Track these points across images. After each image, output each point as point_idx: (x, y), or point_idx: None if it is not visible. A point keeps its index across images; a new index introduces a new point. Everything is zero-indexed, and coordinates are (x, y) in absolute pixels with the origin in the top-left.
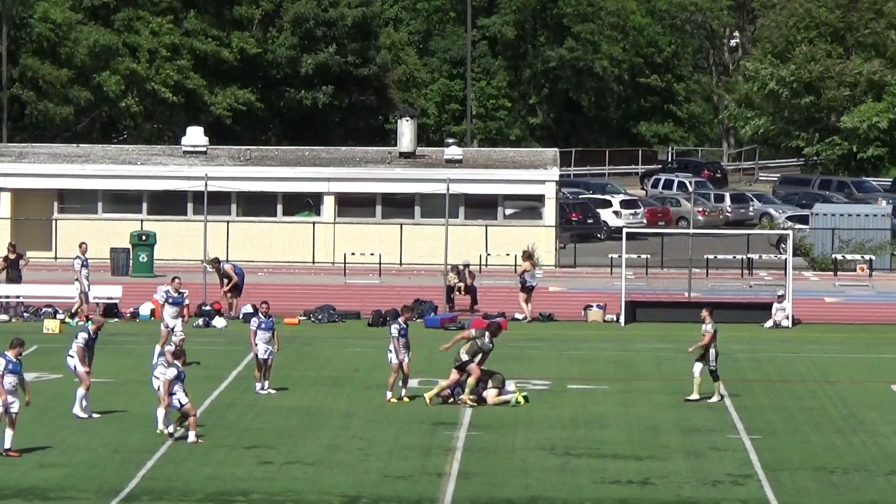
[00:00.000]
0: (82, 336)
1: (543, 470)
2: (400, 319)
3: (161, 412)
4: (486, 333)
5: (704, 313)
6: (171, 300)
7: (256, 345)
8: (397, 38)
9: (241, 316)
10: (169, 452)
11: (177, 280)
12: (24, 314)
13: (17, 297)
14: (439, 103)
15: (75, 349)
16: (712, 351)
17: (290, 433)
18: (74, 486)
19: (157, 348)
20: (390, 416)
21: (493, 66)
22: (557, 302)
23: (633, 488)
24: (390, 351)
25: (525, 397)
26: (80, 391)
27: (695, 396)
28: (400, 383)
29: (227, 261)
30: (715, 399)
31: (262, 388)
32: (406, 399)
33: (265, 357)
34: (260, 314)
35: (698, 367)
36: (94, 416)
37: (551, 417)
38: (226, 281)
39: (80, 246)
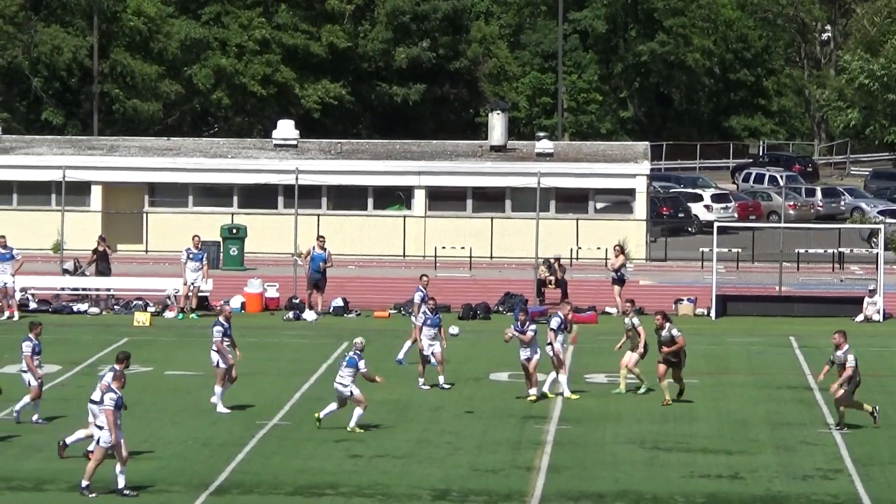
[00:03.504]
0: (217, 329)
1: (632, 464)
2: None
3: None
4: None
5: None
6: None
7: (421, 340)
8: (488, 32)
9: (331, 310)
10: (258, 446)
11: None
12: (115, 307)
13: (108, 289)
14: (530, 97)
15: (216, 344)
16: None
17: (379, 427)
18: (164, 479)
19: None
20: (480, 410)
21: (584, 60)
22: (648, 295)
23: (723, 482)
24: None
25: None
26: (218, 388)
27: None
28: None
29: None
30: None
31: (424, 384)
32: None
33: (428, 353)
34: (427, 310)
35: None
36: (224, 411)
37: (641, 411)
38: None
39: (193, 238)
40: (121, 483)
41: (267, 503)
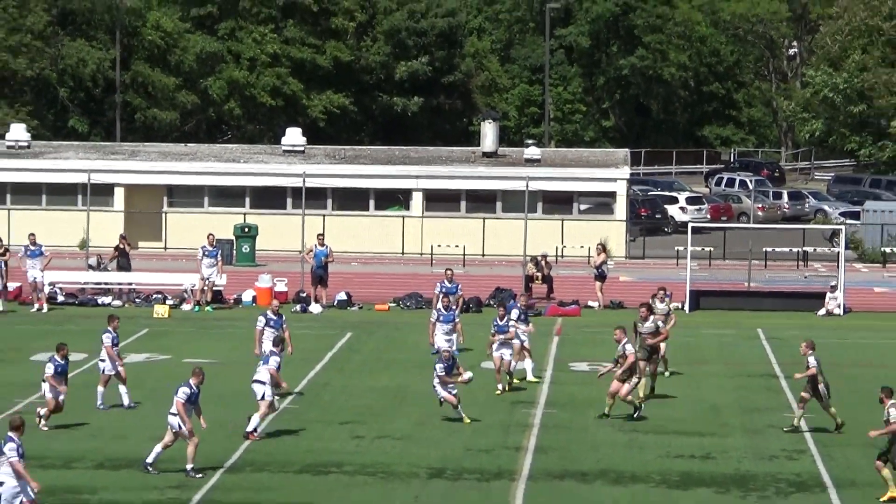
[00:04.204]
0: (261, 319)
1: (613, 445)
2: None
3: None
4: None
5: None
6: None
7: (436, 335)
8: (481, 47)
9: (335, 303)
10: (268, 428)
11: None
12: (136, 300)
13: (129, 284)
14: (519, 107)
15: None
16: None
17: (380, 411)
18: (182, 457)
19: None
20: (473, 395)
21: (569, 73)
22: (628, 291)
23: (696, 462)
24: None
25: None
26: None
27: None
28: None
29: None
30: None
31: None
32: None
33: (440, 348)
34: (441, 307)
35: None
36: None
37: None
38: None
39: (208, 237)
40: (151, 457)
41: (277, 480)
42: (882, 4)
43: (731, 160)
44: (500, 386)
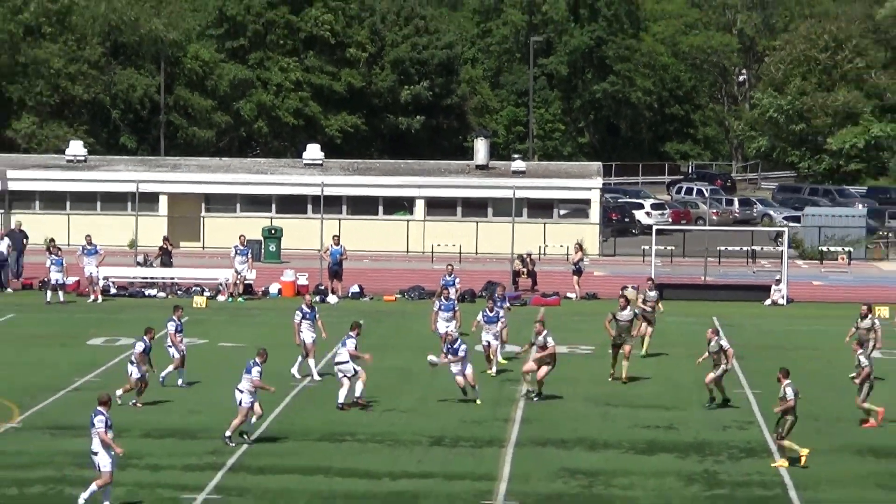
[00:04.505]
0: (298, 313)
1: (588, 417)
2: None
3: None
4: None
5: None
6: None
7: (437, 321)
8: (474, 74)
9: (349, 294)
10: (291, 402)
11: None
12: (178, 292)
13: (172, 278)
14: (507, 126)
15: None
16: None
17: (387, 388)
18: (217, 427)
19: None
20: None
21: (550, 97)
22: (601, 284)
23: (660, 432)
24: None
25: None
26: (310, 360)
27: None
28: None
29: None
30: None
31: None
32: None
33: (442, 332)
34: (443, 297)
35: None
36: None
37: (595, 376)
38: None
39: (240, 237)
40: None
41: (299, 447)
42: (818, 38)
43: (690, 172)
44: (491, 367)
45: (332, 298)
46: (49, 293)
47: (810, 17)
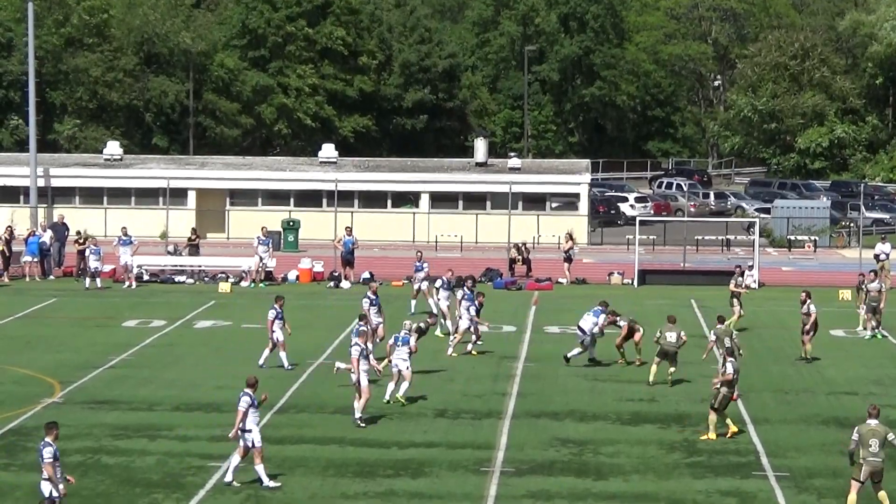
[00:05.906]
0: (365, 301)
1: (578, 391)
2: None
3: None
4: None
5: None
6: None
7: (460, 316)
8: (474, 80)
9: (360, 280)
10: (308, 378)
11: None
12: (205, 279)
13: (199, 266)
14: (504, 127)
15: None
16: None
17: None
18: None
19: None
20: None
21: (543, 101)
22: (589, 270)
23: (643, 404)
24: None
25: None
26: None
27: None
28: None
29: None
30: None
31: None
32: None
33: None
34: (466, 288)
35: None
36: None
37: (584, 354)
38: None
39: (261, 229)
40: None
41: (315, 419)
42: (788, 47)
43: (670, 168)
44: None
45: (345, 284)
46: (88, 280)
47: (778, 27)
